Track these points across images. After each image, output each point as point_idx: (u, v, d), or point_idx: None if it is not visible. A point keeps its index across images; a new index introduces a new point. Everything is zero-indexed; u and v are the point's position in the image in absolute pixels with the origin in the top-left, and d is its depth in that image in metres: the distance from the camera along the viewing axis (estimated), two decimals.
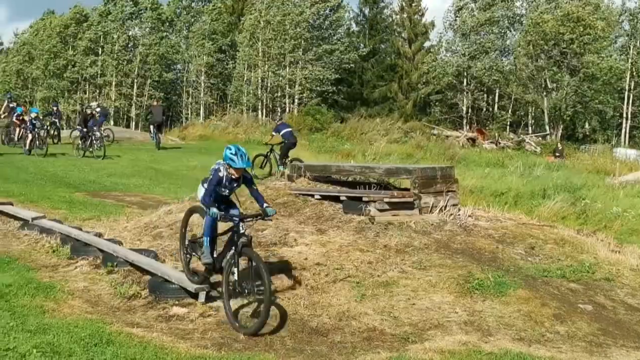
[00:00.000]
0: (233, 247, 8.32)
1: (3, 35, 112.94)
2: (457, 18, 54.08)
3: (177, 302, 8.76)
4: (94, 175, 22.87)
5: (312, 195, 12.78)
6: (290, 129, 25.44)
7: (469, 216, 12.05)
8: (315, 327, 8.28)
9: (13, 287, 9.02)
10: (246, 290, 8.24)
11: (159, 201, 16.88)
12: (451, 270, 9.61)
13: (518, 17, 53.09)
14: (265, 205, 8.54)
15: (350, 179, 13.89)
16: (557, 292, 9.34)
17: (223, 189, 8.56)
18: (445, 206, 12.06)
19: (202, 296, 8.74)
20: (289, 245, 10.62)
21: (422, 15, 55.89)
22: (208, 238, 8.67)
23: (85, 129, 28.91)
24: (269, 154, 24.76)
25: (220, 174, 8.42)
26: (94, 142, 28.60)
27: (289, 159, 23.91)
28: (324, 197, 12.61)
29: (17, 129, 29.97)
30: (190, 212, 9.59)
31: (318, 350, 7.78)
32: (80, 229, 12.34)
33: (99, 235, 11.87)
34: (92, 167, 25.34)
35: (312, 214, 12.12)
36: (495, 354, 7.50)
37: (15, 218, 13.71)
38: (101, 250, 10.67)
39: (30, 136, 28.52)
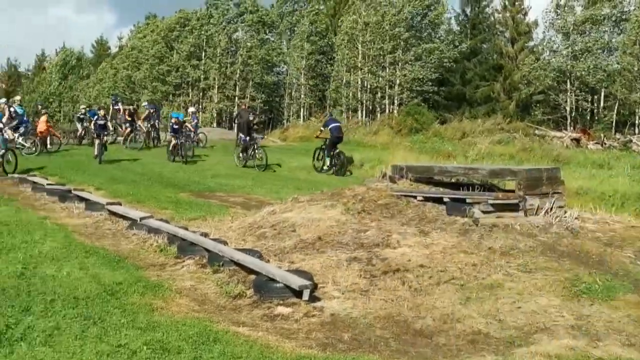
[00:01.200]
0: None
1: (110, 40, 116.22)
2: (558, 17, 52.79)
3: (281, 302, 8.83)
4: (198, 176, 23.35)
5: (415, 197, 12.76)
6: (337, 124, 27.77)
7: (576, 218, 11.81)
8: (419, 329, 8.24)
9: (123, 285, 9.28)
10: None
11: (262, 202, 17.13)
12: (557, 274, 9.44)
13: (624, 15, 51.41)
14: None
15: (453, 180, 13.81)
16: None
17: None
18: (551, 208, 11.87)
19: (306, 294, 8.78)
20: (392, 247, 10.61)
21: (525, 14, 54.89)
22: None
23: (248, 138, 27.64)
24: (323, 146, 26.91)
25: None
26: (256, 151, 27.31)
27: (336, 151, 26.50)
28: (426, 199, 12.59)
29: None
30: None
31: (422, 352, 7.74)
32: (187, 229, 12.62)
33: (205, 235, 12.11)
34: (196, 168, 25.88)
35: (414, 215, 12.09)
36: None
37: (124, 218, 14.13)
38: (207, 250, 10.87)
39: (173, 141, 28.55)
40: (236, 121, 38.01)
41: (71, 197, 16.79)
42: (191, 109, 40.64)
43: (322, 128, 27.52)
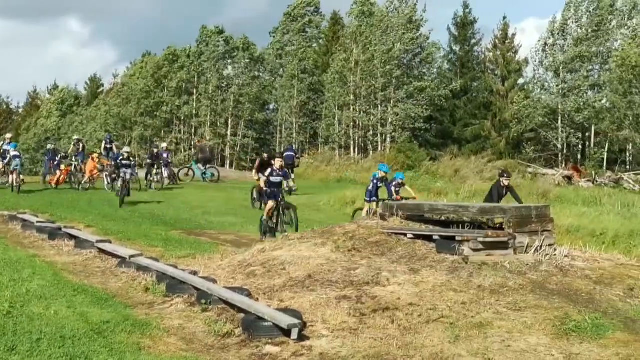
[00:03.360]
0: None
1: (105, 77, 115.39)
2: (547, 55, 52.99)
3: (270, 341, 8.77)
4: (189, 214, 23.30)
5: (405, 235, 12.76)
6: (289, 153, 31.68)
7: (565, 256, 11.81)
8: None
9: (111, 323, 9.21)
10: None
11: (253, 240, 17.10)
12: (547, 312, 9.42)
13: (611, 53, 51.46)
14: None
15: (443, 218, 13.81)
16: None
17: None
18: (541, 246, 11.86)
19: (294, 333, 8.73)
20: (382, 285, 10.58)
21: (516, 52, 55.20)
22: None
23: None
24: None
25: None
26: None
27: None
28: (416, 237, 12.58)
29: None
30: None
31: None
32: (176, 267, 12.58)
33: (194, 273, 12.07)
34: (188, 205, 25.81)
35: (404, 253, 12.07)
36: None
37: (113, 256, 14.07)
38: (196, 288, 10.83)
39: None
40: (198, 157, 38.45)
41: (61, 234, 16.70)
42: (163, 145, 39.94)
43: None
